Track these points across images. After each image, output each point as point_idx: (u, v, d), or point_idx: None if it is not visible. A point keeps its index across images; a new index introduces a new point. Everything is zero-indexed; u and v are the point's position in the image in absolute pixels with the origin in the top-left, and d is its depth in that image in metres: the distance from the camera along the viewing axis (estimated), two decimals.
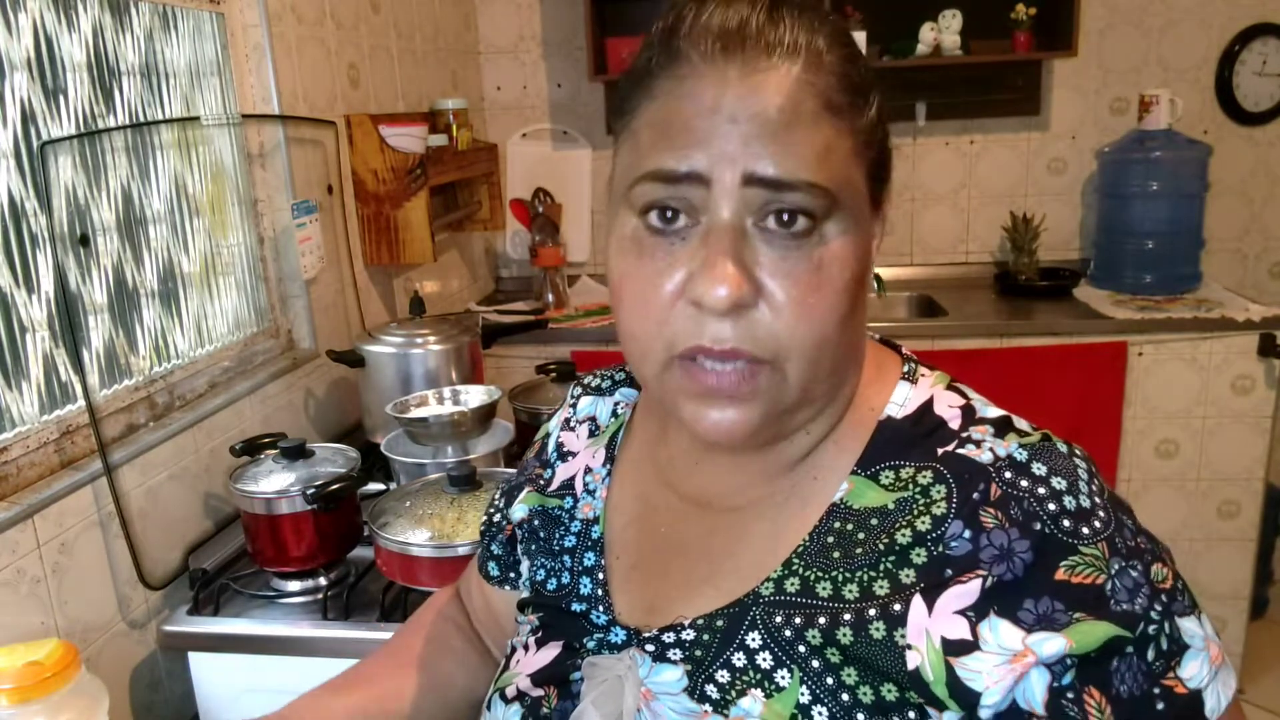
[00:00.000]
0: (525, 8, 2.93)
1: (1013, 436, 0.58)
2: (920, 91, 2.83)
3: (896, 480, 0.59)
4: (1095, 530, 0.53)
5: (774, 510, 0.62)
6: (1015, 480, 0.55)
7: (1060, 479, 0.55)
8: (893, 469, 0.59)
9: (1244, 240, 2.90)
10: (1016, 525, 0.54)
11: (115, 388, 1.35)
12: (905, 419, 0.61)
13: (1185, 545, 2.45)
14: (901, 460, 0.59)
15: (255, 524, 1.31)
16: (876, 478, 0.60)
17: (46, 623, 1.14)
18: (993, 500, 0.55)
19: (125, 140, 1.39)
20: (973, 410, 0.61)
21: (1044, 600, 0.52)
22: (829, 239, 0.54)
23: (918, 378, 0.64)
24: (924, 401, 0.62)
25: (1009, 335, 2.38)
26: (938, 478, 0.57)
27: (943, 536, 0.55)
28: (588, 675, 0.64)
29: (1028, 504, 0.54)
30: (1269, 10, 2.72)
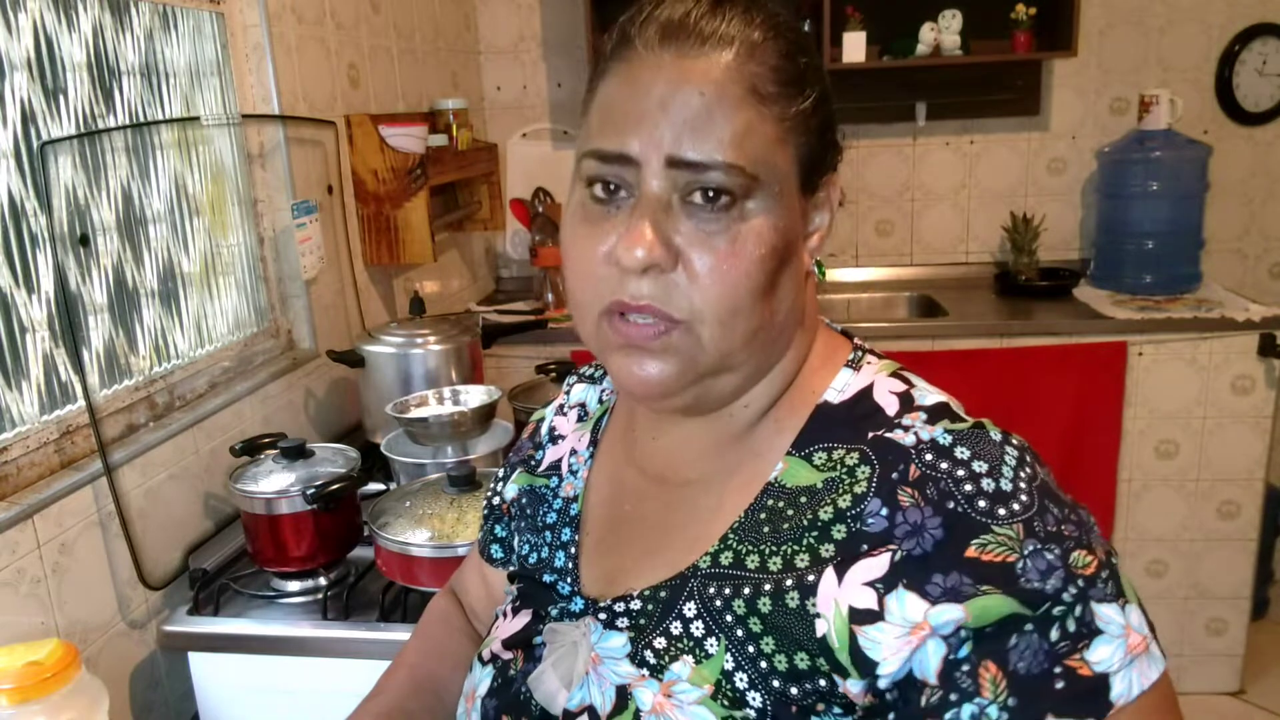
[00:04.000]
0: (525, 8, 2.93)
1: (944, 423, 0.60)
2: (920, 91, 2.83)
3: (828, 461, 0.62)
4: (1012, 512, 0.55)
5: (719, 485, 0.66)
6: (935, 462, 0.57)
7: (982, 463, 0.57)
8: (825, 450, 0.62)
9: (1244, 240, 2.90)
10: (931, 504, 0.56)
11: (115, 388, 1.35)
12: (842, 404, 0.64)
13: (1185, 546, 2.45)
14: (834, 442, 0.62)
15: (255, 524, 1.31)
16: (810, 458, 0.63)
17: (46, 623, 1.14)
18: (911, 480, 0.57)
19: (125, 140, 1.39)
20: (910, 398, 0.63)
21: (952, 575, 0.54)
22: (748, 215, 0.58)
23: (862, 365, 0.67)
24: (863, 388, 0.65)
25: (1009, 335, 2.38)
26: (863, 459, 0.60)
27: (861, 513, 0.58)
28: (548, 640, 0.69)
29: (944, 484, 0.56)
30: (1269, 10, 2.72)
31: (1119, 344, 2.33)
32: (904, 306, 2.84)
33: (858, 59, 2.61)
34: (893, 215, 2.96)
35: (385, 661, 1.20)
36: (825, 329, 0.70)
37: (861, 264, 2.99)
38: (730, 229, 0.58)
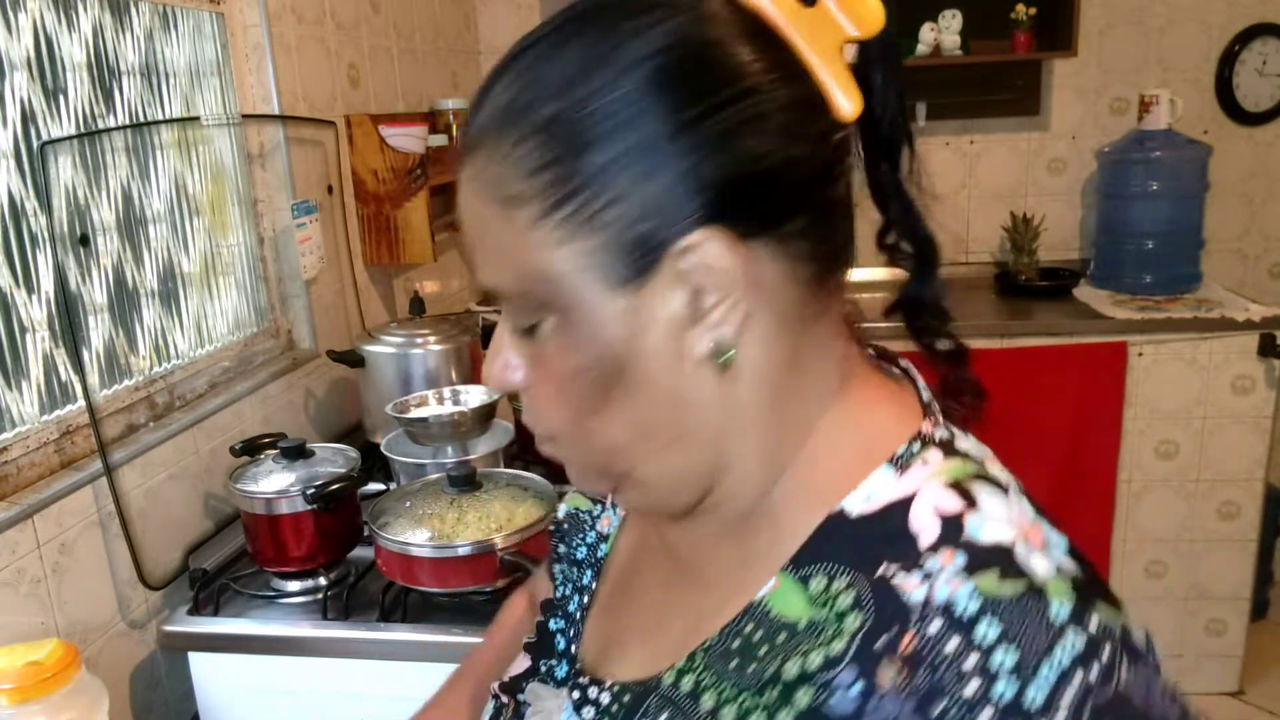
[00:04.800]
0: (525, 8, 2.93)
1: (986, 577, 0.42)
2: (920, 91, 2.83)
3: (823, 592, 0.46)
4: None
5: (714, 582, 0.53)
6: (941, 637, 0.41)
7: (1011, 653, 0.40)
8: (826, 574, 0.47)
9: (1244, 240, 2.90)
10: (916, 696, 0.41)
11: (115, 388, 1.35)
12: (863, 517, 0.47)
13: (1185, 546, 2.45)
14: (839, 565, 0.46)
15: (255, 524, 1.31)
16: (806, 581, 0.47)
17: (46, 623, 1.14)
18: (902, 653, 0.42)
19: (125, 140, 1.39)
20: (959, 526, 0.44)
21: None
22: (546, 337, 0.48)
23: (912, 464, 0.48)
24: (899, 499, 0.46)
25: (1009, 335, 2.38)
26: (857, 604, 0.44)
27: (830, 682, 0.43)
28: (529, 700, 0.62)
29: (942, 673, 0.40)
30: (1269, 10, 2.72)
31: (1119, 344, 2.33)
32: None
33: None
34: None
35: (385, 661, 1.21)
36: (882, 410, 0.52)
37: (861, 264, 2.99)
38: (536, 352, 0.49)
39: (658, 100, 0.44)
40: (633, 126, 0.44)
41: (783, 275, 0.47)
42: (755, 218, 0.45)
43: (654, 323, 0.46)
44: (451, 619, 1.22)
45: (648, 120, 0.44)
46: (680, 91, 0.44)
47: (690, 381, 0.47)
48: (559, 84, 0.45)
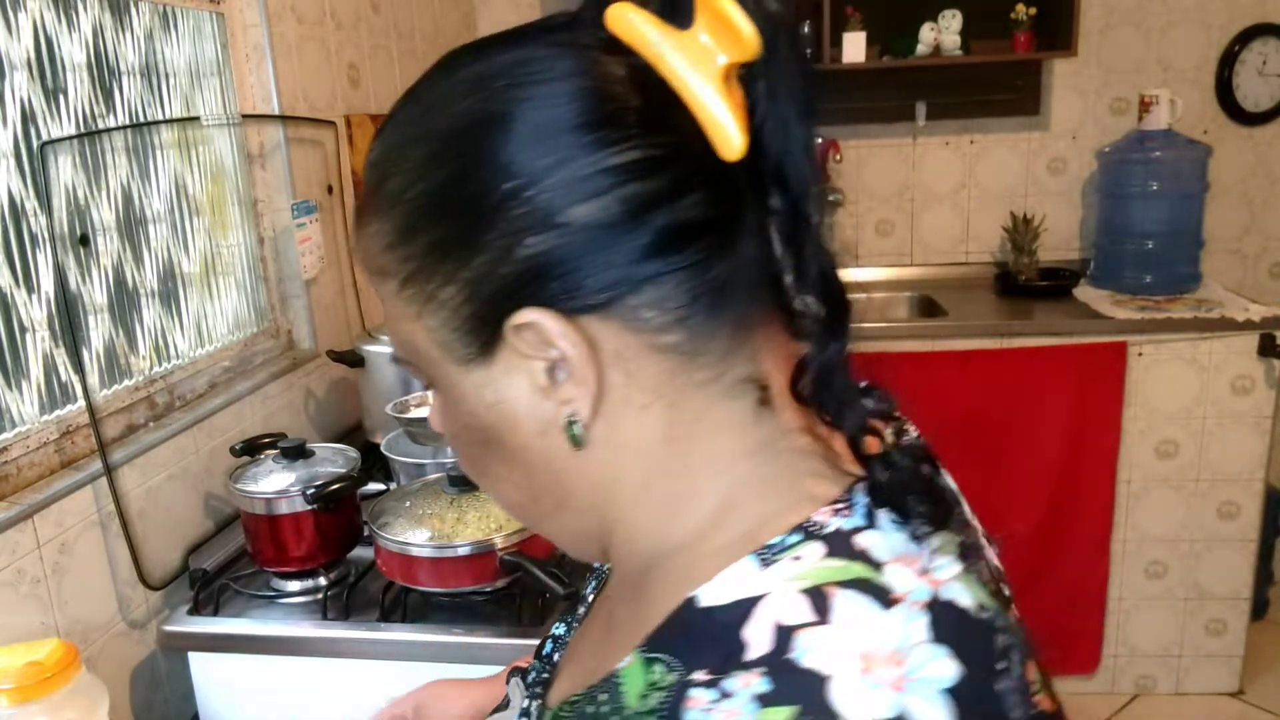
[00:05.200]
0: (525, 7, 2.93)
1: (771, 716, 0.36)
2: (920, 91, 2.83)
3: (656, 682, 0.42)
4: None
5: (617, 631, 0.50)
6: None
7: None
8: (665, 665, 0.42)
9: (1244, 240, 2.90)
10: None
11: (115, 388, 1.35)
12: (709, 610, 0.41)
13: (1185, 546, 2.45)
14: (676, 660, 0.41)
15: (255, 524, 1.31)
16: (650, 665, 0.43)
17: (46, 623, 1.14)
18: None
19: (125, 140, 1.39)
20: (787, 645, 0.38)
21: None
22: (436, 395, 0.50)
23: (777, 560, 0.41)
24: (748, 597, 0.40)
25: (1009, 335, 2.38)
26: (658, 708, 0.40)
27: None
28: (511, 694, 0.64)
29: None
30: (1269, 10, 2.72)
31: (1119, 344, 2.33)
32: (904, 306, 2.84)
33: (858, 59, 2.61)
34: (893, 215, 2.96)
35: (386, 661, 1.21)
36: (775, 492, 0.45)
37: (861, 264, 2.99)
38: (436, 404, 0.51)
39: (469, 178, 0.42)
40: (446, 209, 0.43)
41: (640, 346, 0.43)
42: (589, 295, 0.41)
43: (513, 395, 0.45)
44: (451, 619, 1.22)
45: (463, 201, 0.42)
46: (491, 171, 0.41)
47: (559, 452, 0.45)
48: (392, 162, 0.45)
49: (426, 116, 0.44)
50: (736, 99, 0.41)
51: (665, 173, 0.41)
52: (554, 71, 0.42)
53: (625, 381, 0.43)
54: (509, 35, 0.45)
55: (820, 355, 0.43)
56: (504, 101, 0.42)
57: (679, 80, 0.41)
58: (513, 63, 0.42)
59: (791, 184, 0.42)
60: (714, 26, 0.40)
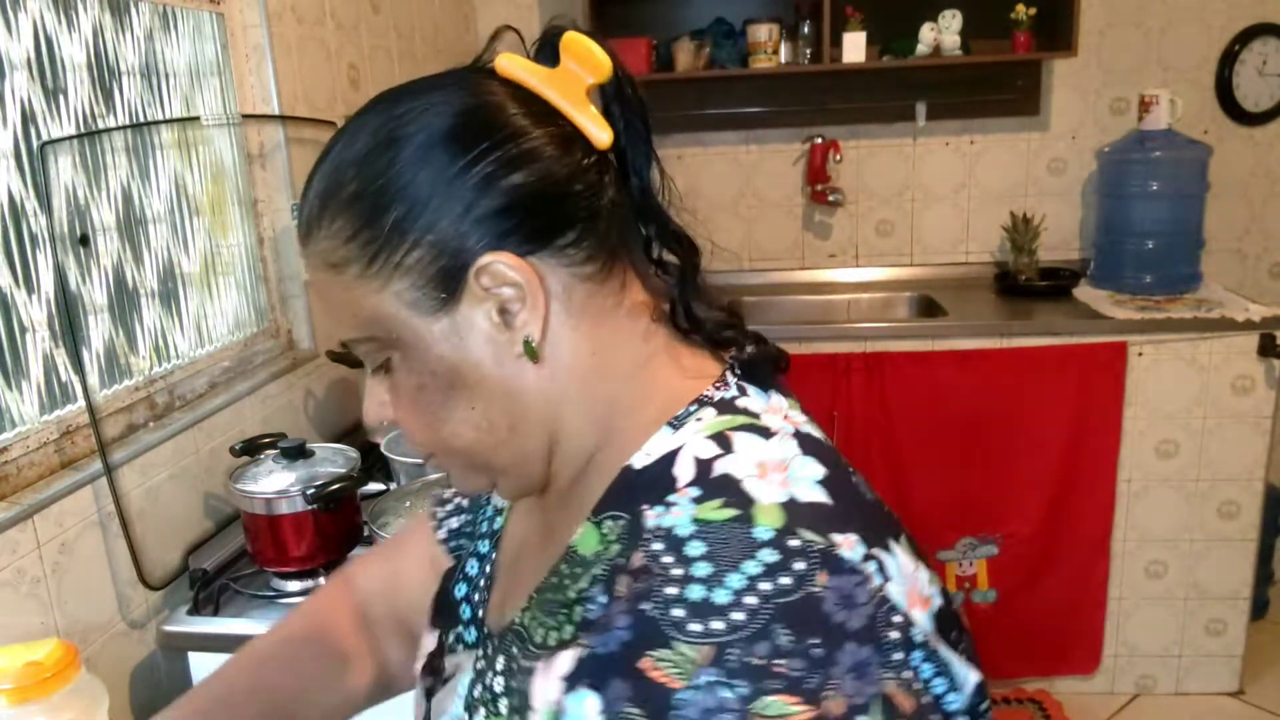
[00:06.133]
0: (525, 8, 2.93)
1: (707, 507, 0.51)
2: (920, 91, 2.83)
3: (608, 533, 0.56)
4: (709, 630, 0.46)
5: (553, 543, 0.63)
6: (659, 554, 0.50)
7: (708, 566, 0.48)
8: (613, 519, 0.56)
9: (1244, 240, 2.90)
10: (634, 599, 0.49)
11: (115, 388, 1.35)
12: (643, 469, 0.56)
13: (1185, 546, 2.45)
14: (619, 511, 0.56)
15: (255, 524, 1.31)
16: (600, 525, 0.57)
17: (46, 623, 1.14)
18: (631, 568, 0.51)
19: (125, 140, 1.39)
20: (708, 469, 0.54)
21: (623, 683, 0.47)
22: (395, 370, 0.59)
23: (686, 422, 0.57)
24: (668, 451, 0.56)
25: (1009, 335, 2.38)
26: (619, 535, 0.54)
27: (589, 598, 0.54)
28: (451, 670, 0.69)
29: (655, 582, 0.49)
30: (1269, 10, 2.72)
31: (1119, 344, 2.33)
32: (904, 306, 2.84)
33: (858, 59, 2.61)
34: (893, 215, 2.96)
35: None
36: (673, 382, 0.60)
37: (861, 264, 2.99)
38: (392, 384, 0.60)
39: (429, 160, 0.55)
40: (413, 187, 0.55)
41: (570, 277, 0.57)
42: (531, 236, 0.56)
43: (473, 334, 0.56)
44: None
45: (424, 179, 0.55)
46: (449, 149, 0.55)
47: (514, 377, 0.57)
48: (355, 167, 0.56)
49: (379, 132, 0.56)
50: (597, 110, 0.58)
51: (574, 148, 0.57)
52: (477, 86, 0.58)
53: (561, 307, 0.57)
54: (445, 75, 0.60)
55: (682, 289, 0.61)
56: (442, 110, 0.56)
57: (555, 101, 0.58)
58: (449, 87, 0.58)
59: (641, 168, 0.60)
60: (580, 59, 0.57)
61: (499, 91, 0.57)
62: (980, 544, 2.44)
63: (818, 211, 2.97)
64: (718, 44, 2.74)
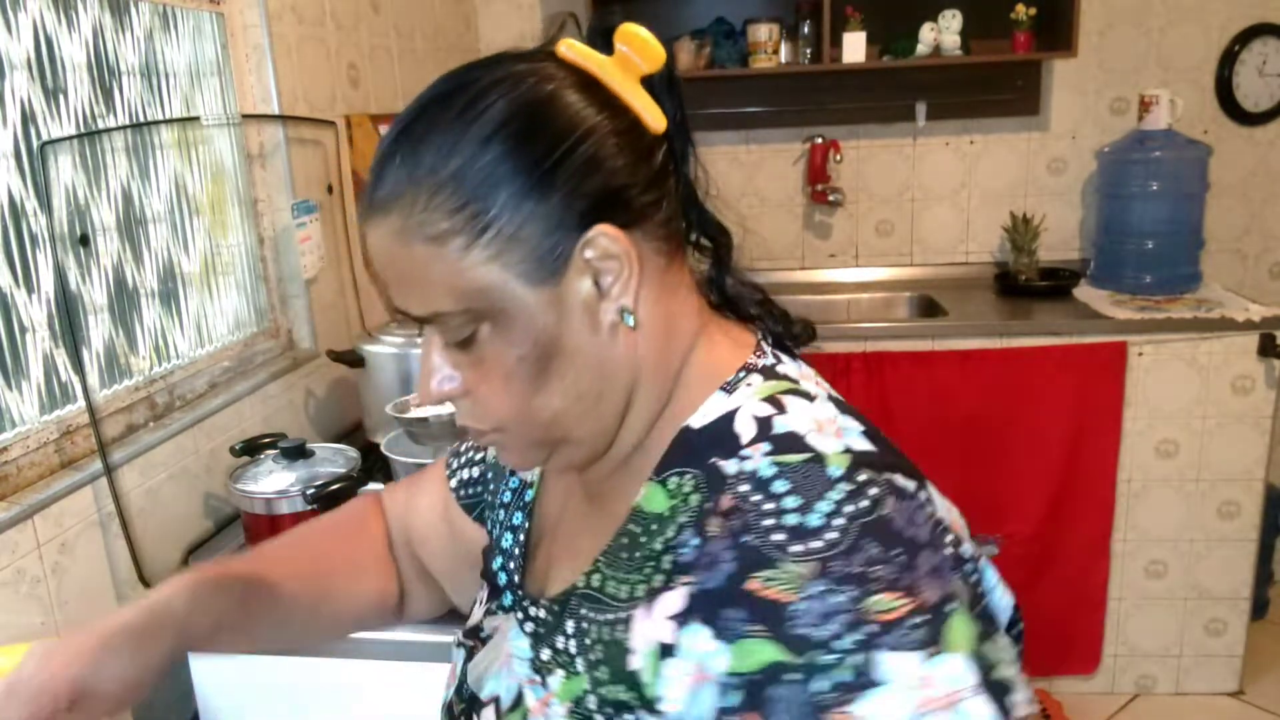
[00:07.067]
0: (525, 8, 2.93)
1: (783, 454, 0.57)
2: (920, 91, 2.83)
3: (679, 487, 0.60)
4: (810, 550, 0.52)
5: (611, 504, 0.66)
6: (748, 494, 0.55)
7: (797, 498, 0.54)
8: (678, 475, 0.61)
9: (1244, 240, 2.90)
10: (731, 535, 0.54)
11: (115, 388, 1.35)
12: (702, 429, 0.62)
13: (1185, 546, 2.45)
14: (685, 468, 0.61)
15: (255, 524, 1.31)
16: (665, 483, 0.61)
17: (46, 623, 1.14)
18: (721, 510, 0.56)
19: (125, 140, 1.39)
20: (769, 426, 0.59)
21: (736, 609, 0.52)
22: (485, 343, 0.60)
23: (738, 387, 0.63)
24: (725, 413, 0.61)
25: (1009, 335, 2.38)
26: (696, 487, 0.59)
27: (680, 544, 0.58)
28: (489, 631, 0.74)
29: (750, 517, 0.54)
30: (1269, 10, 2.72)
31: (1119, 344, 2.33)
32: (904, 306, 2.84)
33: (858, 59, 2.61)
34: (893, 215, 2.96)
35: (385, 661, 1.21)
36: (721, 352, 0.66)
37: (861, 264, 2.99)
38: (476, 358, 0.60)
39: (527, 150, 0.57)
40: (517, 171, 0.57)
41: (652, 251, 0.61)
42: (629, 213, 0.59)
43: (573, 305, 0.59)
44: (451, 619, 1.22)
45: (526, 166, 0.57)
46: (540, 141, 0.57)
47: (606, 345, 0.61)
48: (449, 150, 0.58)
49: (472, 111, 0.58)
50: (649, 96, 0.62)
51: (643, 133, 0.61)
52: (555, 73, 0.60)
53: (647, 281, 0.61)
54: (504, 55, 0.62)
55: (719, 270, 0.69)
56: (537, 90, 0.58)
57: (615, 87, 0.61)
58: (525, 71, 0.60)
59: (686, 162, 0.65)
60: (638, 48, 0.61)
61: (566, 77, 0.60)
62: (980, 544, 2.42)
63: (818, 211, 2.97)
64: (718, 44, 2.74)
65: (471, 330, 0.59)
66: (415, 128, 0.59)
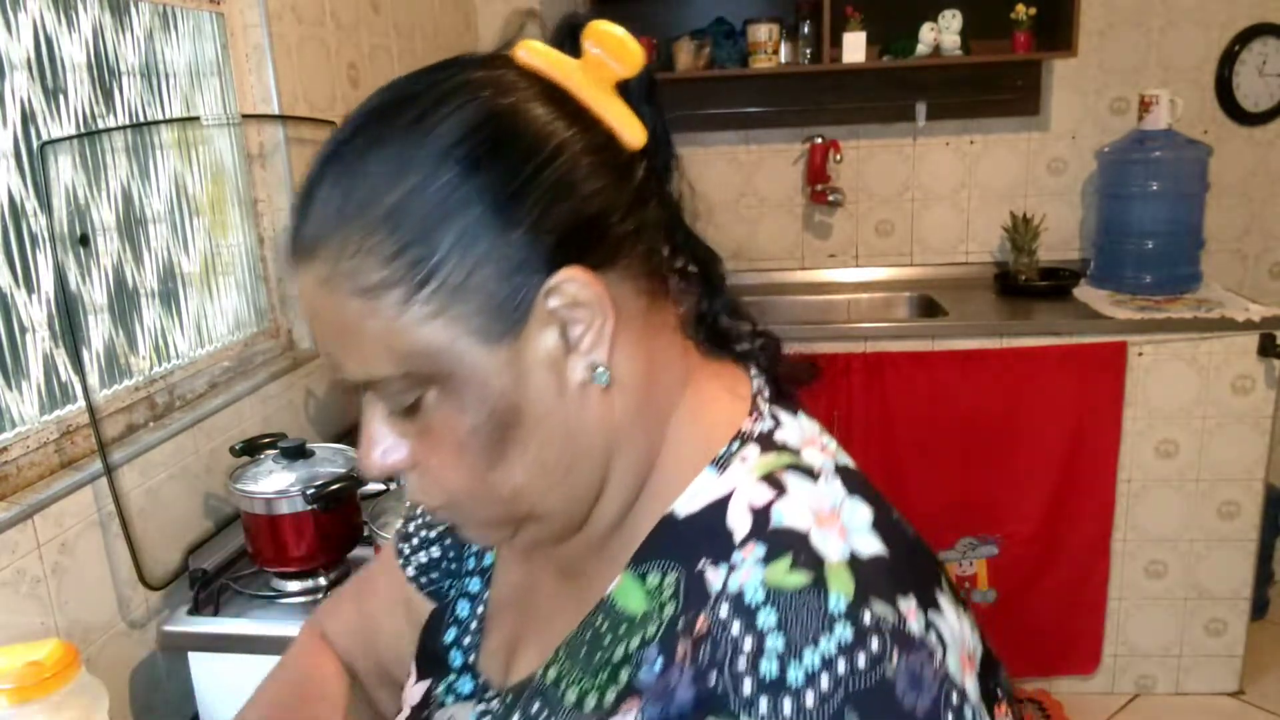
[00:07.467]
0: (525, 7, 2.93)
1: (777, 568, 0.47)
2: (920, 91, 2.83)
3: (658, 585, 0.52)
4: (777, 709, 0.43)
5: (585, 586, 0.58)
6: (728, 620, 0.47)
7: (782, 637, 0.45)
8: (660, 571, 0.52)
9: (1244, 240, 2.90)
10: (696, 668, 0.47)
11: (115, 388, 1.35)
12: (689, 517, 0.52)
13: (1185, 546, 2.45)
14: (669, 561, 0.52)
15: (255, 524, 1.31)
16: (644, 577, 0.53)
17: (46, 623, 1.14)
18: (695, 633, 0.48)
19: (125, 140, 1.39)
20: (767, 519, 0.50)
21: None
22: (431, 409, 0.50)
23: (731, 462, 0.53)
24: (719, 498, 0.52)
25: (1009, 335, 2.38)
26: (675, 593, 0.50)
27: (642, 660, 0.50)
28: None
29: (721, 651, 0.46)
30: (1269, 10, 2.72)
31: (1119, 344, 2.33)
32: (904, 306, 2.84)
33: (858, 59, 2.61)
34: (893, 215, 2.96)
35: None
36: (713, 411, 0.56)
37: (861, 264, 2.99)
38: (422, 427, 0.51)
39: (484, 176, 0.47)
40: (469, 202, 0.47)
41: (631, 293, 0.52)
42: (603, 248, 0.50)
43: (536, 363, 0.49)
44: None
45: (481, 195, 0.47)
46: (500, 165, 0.47)
47: (575, 408, 0.51)
48: (389, 178, 0.47)
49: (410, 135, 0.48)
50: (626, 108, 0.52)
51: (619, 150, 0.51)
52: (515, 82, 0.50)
53: (624, 326, 0.51)
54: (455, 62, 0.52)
55: (712, 304, 0.58)
56: (492, 105, 0.49)
57: (585, 94, 0.51)
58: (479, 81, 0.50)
59: (669, 178, 0.55)
60: (612, 49, 0.52)
61: (529, 87, 0.51)
62: (980, 544, 2.44)
63: (818, 211, 2.96)
64: (718, 44, 2.74)
65: (416, 396, 0.50)
66: (347, 152, 0.49)
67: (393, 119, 0.49)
